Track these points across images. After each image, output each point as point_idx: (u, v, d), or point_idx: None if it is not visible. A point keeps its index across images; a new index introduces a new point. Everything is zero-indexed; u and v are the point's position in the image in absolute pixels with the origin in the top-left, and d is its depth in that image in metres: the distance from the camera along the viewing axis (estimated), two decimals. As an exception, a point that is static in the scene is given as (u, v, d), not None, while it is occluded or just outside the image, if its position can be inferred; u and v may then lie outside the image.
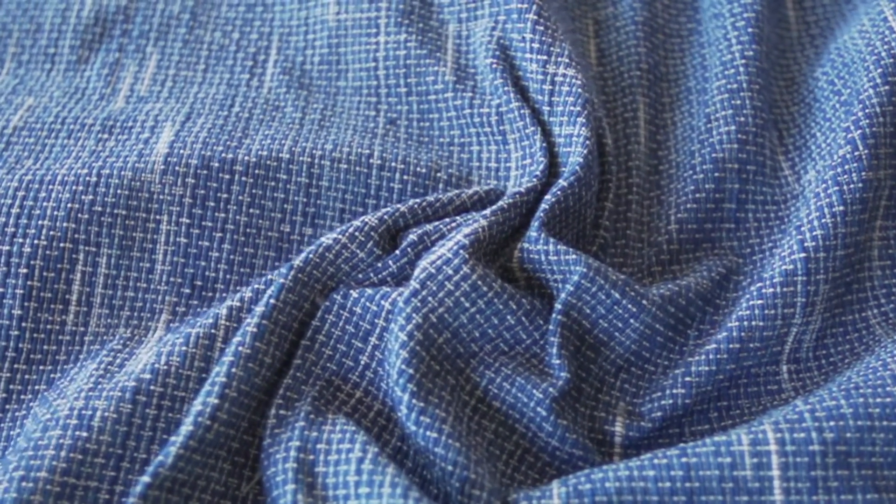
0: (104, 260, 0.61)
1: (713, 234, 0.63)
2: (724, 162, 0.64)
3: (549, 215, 0.59)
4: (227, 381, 0.52)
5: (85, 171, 0.62)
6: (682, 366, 0.57)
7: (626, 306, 0.57)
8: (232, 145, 0.64)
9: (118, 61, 0.71)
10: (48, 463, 0.51)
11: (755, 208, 0.64)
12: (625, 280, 0.57)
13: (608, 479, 0.50)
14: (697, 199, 0.64)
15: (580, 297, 0.57)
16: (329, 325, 0.56)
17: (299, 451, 0.51)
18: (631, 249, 0.64)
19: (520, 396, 0.55)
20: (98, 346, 0.59)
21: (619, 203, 0.65)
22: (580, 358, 0.58)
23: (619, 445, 0.56)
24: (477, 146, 0.66)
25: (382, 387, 0.55)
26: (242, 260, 0.61)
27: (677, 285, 0.59)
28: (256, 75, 0.70)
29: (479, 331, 0.56)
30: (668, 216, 0.64)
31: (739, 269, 0.62)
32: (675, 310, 0.58)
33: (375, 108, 0.68)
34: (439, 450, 0.51)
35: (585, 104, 0.62)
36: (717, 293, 0.61)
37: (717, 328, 0.59)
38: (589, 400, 0.57)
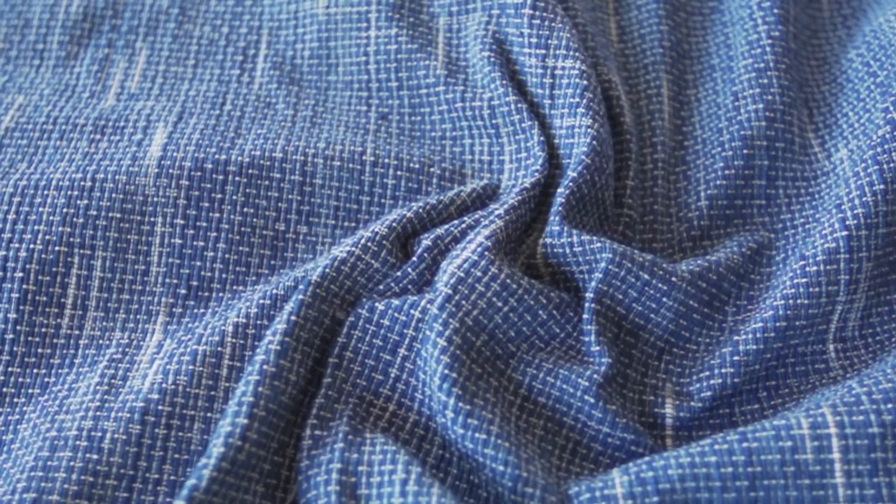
0: (99, 263, 0.61)
1: (744, 210, 0.64)
2: (753, 139, 0.65)
3: (567, 207, 0.60)
4: (254, 400, 0.52)
5: (79, 175, 0.62)
6: (727, 344, 0.58)
7: (656, 286, 0.58)
8: (225, 146, 0.64)
9: (107, 57, 0.71)
10: (60, 486, 0.52)
11: (785, 185, 0.65)
12: (652, 260, 0.58)
13: (670, 467, 0.50)
14: (727, 175, 0.64)
15: (610, 283, 0.58)
16: (356, 341, 0.56)
17: (341, 473, 0.51)
18: (660, 224, 0.65)
19: (565, 388, 0.56)
20: (94, 351, 0.59)
21: (643, 179, 0.66)
22: (620, 344, 0.58)
23: (670, 427, 0.57)
24: (469, 139, 0.67)
25: (417, 396, 0.55)
26: (238, 259, 0.62)
27: (707, 261, 0.60)
28: (247, 71, 0.70)
29: (514, 330, 0.57)
30: (697, 192, 0.65)
31: (772, 243, 0.63)
32: (706, 285, 0.59)
33: (367, 102, 0.69)
34: (489, 450, 0.52)
35: (585, 93, 0.63)
36: (749, 268, 0.62)
37: (755, 304, 0.60)
38: (636, 385, 0.58)
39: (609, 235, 0.63)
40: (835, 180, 0.64)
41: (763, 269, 0.62)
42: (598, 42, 0.68)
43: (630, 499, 0.50)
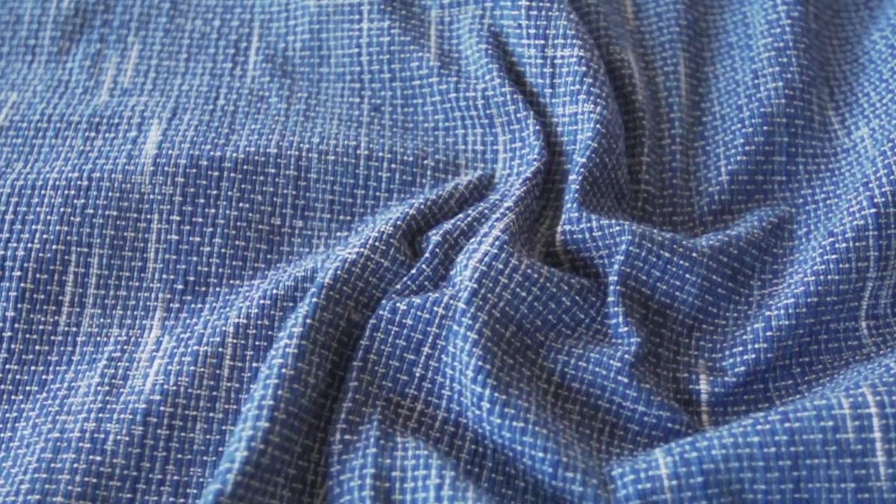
0: (96, 260, 0.61)
1: (765, 185, 0.66)
2: (773, 116, 0.66)
3: (583, 193, 0.61)
4: (274, 403, 0.52)
5: (76, 174, 0.63)
6: (758, 319, 0.59)
7: (678, 263, 0.59)
8: (219, 142, 0.65)
9: (100, 52, 0.72)
10: (63, 487, 0.53)
11: (805, 161, 0.66)
12: (671, 238, 0.59)
13: (713, 447, 0.51)
14: (747, 151, 0.66)
15: (632, 264, 0.59)
16: (379, 343, 0.57)
17: (375, 478, 0.52)
18: (679, 198, 0.66)
19: (598, 371, 0.57)
20: (92, 348, 0.59)
21: (660, 155, 0.67)
22: (649, 324, 0.59)
23: (705, 403, 0.58)
24: (462, 129, 0.67)
25: (444, 394, 0.56)
26: (234, 253, 0.62)
27: (727, 236, 0.61)
28: (239, 64, 0.71)
29: (540, 319, 0.58)
30: (717, 167, 0.66)
31: (793, 218, 0.64)
32: (728, 259, 0.60)
33: (359, 94, 0.69)
34: (528, 438, 0.53)
35: (585, 79, 0.64)
36: (771, 242, 0.63)
37: (781, 278, 0.61)
38: (668, 363, 0.59)
39: (628, 212, 0.65)
40: (855, 157, 0.65)
41: (785, 242, 0.63)
42: (611, 21, 0.70)
43: (675, 479, 0.51)
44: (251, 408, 0.52)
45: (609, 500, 0.51)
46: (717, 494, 0.51)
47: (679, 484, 0.51)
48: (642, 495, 0.51)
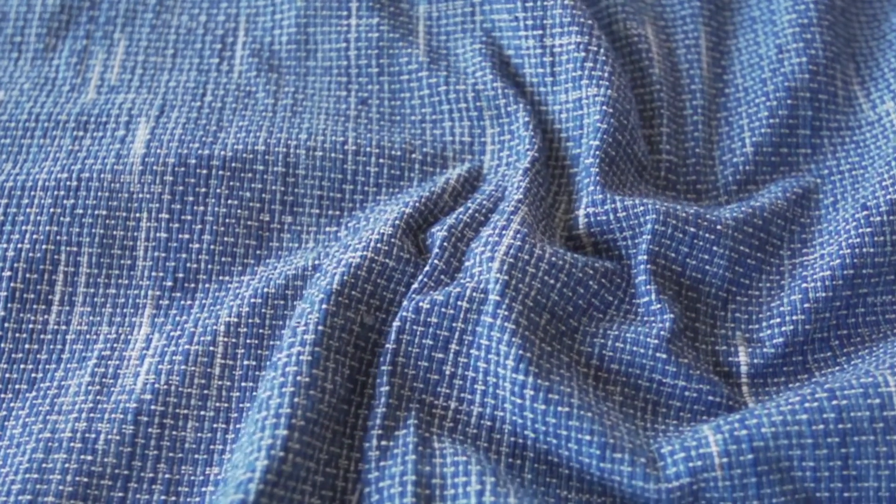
0: (86, 259, 0.62)
1: (790, 158, 0.67)
2: (797, 91, 0.68)
3: (603, 174, 0.63)
4: (291, 411, 0.53)
5: (65, 174, 0.63)
6: (795, 291, 0.60)
7: (704, 237, 0.61)
8: (207, 140, 0.65)
9: (86, 49, 0.72)
10: (55, 487, 0.54)
11: (830, 134, 0.68)
12: (695, 213, 0.61)
13: (763, 425, 0.53)
14: (772, 123, 0.67)
15: (660, 242, 0.60)
16: (406, 345, 0.57)
17: (416, 485, 0.52)
18: (702, 167, 0.67)
19: (636, 350, 0.58)
20: (81, 346, 0.60)
21: (682, 125, 0.68)
22: (683, 300, 0.61)
23: (745, 375, 0.59)
24: (449, 122, 0.68)
25: (477, 388, 0.56)
26: (223, 250, 0.63)
27: (751, 207, 0.63)
28: (226, 59, 0.71)
29: (572, 304, 0.59)
30: (741, 138, 0.68)
31: (818, 188, 0.66)
32: (753, 230, 0.62)
33: (346, 87, 0.70)
34: (573, 422, 0.53)
35: (585, 65, 0.65)
36: (797, 212, 0.64)
37: (811, 247, 0.63)
38: (706, 337, 0.61)
39: (651, 183, 0.66)
40: (881, 130, 0.67)
41: (812, 212, 0.64)
42: None
43: (725, 456, 0.52)
44: (268, 416, 0.52)
45: (659, 477, 0.52)
46: (766, 472, 0.52)
47: (730, 461, 0.52)
48: (693, 473, 0.52)
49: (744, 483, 0.52)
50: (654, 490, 0.52)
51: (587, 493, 0.54)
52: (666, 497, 0.52)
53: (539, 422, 0.54)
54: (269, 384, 0.54)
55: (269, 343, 0.59)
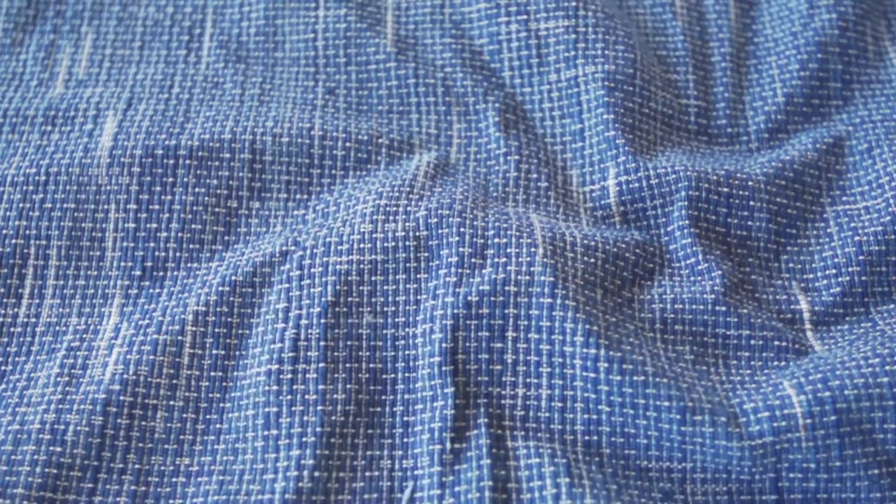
0: (54, 252, 0.63)
1: (821, 109, 0.70)
2: (827, 45, 0.70)
3: (631, 142, 0.66)
4: (301, 430, 0.56)
5: (33, 170, 0.65)
6: (848, 243, 0.63)
7: (738, 195, 0.63)
8: (174, 131, 0.66)
9: (53, 43, 0.73)
10: (24, 479, 0.55)
11: (861, 87, 0.70)
12: (726, 172, 0.64)
13: (846, 387, 0.55)
14: (802, 76, 0.70)
15: (697, 207, 0.63)
16: (462, 342, 0.58)
17: (493, 490, 0.54)
18: (733, 111, 0.70)
19: (696, 308, 0.60)
20: (51, 338, 0.61)
21: (710, 71, 0.71)
22: (735, 258, 0.63)
23: (808, 322, 0.61)
24: (416, 114, 0.69)
25: (542, 371, 0.57)
26: (191, 237, 0.64)
27: (780, 161, 0.65)
28: (193, 50, 0.72)
29: (619, 278, 0.61)
30: (773, 88, 0.70)
31: (850, 135, 0.68)
32: (786, 182, 0.65)
33: (314, 77, 0.71)
34: (650, 390, 0.55)
35: (577, 45, 0.68)
36: (830, 160, 0.67)
37: (851, 195, 0.65)
38: (765, 288, 0.63)
39: (682, 129, 0.69)
40: None
41: (846, 159, 0.67)
42: None
43: (809, 417, 0.54)
44: (280, 435, 0.56)
45: (741, 434, 0.55)
46: (849, 433, 0.55)
47: (813, 423, 0.54)
48: (776, 432, 0.54)
49: (826, 444, 0.55)
50: (738, 448, 0.54)
51: (667, 461, 0.56)
52: (749, 454, 0.54)
53: (615, 393, 0.56)
54: (274, 398, 0.56)
55: (237, 332, 0.60)
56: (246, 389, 0.58)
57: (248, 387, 0.58)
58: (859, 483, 0.55)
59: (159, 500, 0.56)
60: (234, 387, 0.59)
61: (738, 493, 0.55)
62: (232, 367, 0.59)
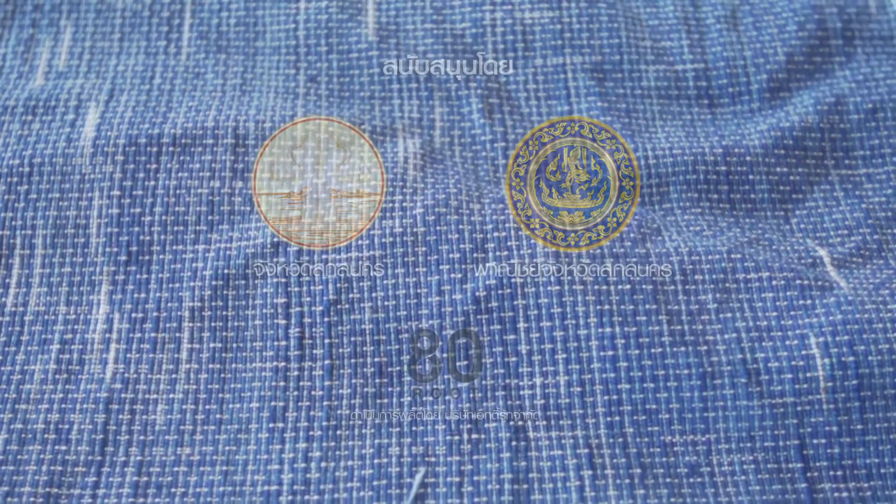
0: (40, 241, 0.64)
1: (824, 65, 0.71)
2: (823, 8, 0.72)
3: (626, 125, 0.67)
4: (308, 424, 0.58)
5: (17, 161, 0.66)
6: (856, 208, 0.65)
7: (737, 171, 0.66)
8: (157, 121, 0.67)
9: (32, 37, 0.73)
10: (31, 478, 0.57)
11: (863, 43, 0.72)
12: (722, 151, 0.66)
13: (870, 353, 0.57)
14: (801, 36, 0.71)
15: (697, 189, 0.66)
16: (476, 335, 0.60)
17: (513, 482, 0.56)
18: (733, 69, 0.71)
19: (713, 259, 0.62)
20: (40, 327, 0.62)
21: (705, 33, 0.72)
22: (745, 225, 0.65)
23: (830, 265, 0.63)
24: (398, 100, 0.70)
25: (559, 358, 0.59)
26: (175, 219, 0.65)
27: (779, 129, 0.67)
28: (173, 41, 0.73)
29: (629, 240, 0.63)
30: (773, 46, 0.71)
31: (854, 92, 0.69)
32: (786, 151, 0.67)
33: (295, 66, 0.72)
34: (669, 360, 0.58)
35: (564, 35, 0.70)
36: (833, 120, 0.68)
37: (854, 158, 0.67)
38: (783, 243, 0.64)
39: (684, 94, 0.70)
40: None
41: (850, 116, 0.68)
42: None
43: (831, 381, 0.57)
44: (285, 428, 0.58)
45: (762, 392, 0.57)
46: (870, 397, 0.57)
47: (834, 385, 0.57)
48: (797, 394, 0.57)
49: (847, 407, 0.57)
50: (758, 406, 0.57)
51: (691, 434, 0.57)
52: (770, 412, 0.56)
53: (634, 368, 0.58)
54: (281, 393, 0.59)
55: (233, 325, 0.62)
56: (248, 382, 0.60)
57: (250, 380, 0.60)
58: (882, 447, 0.57)
59: (161, 489, 0.57)
60: (234, 378, 0.60)
61: (764, 461, 0.57)
62: (230, 359, 0.61)
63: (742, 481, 0.56)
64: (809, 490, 0.56)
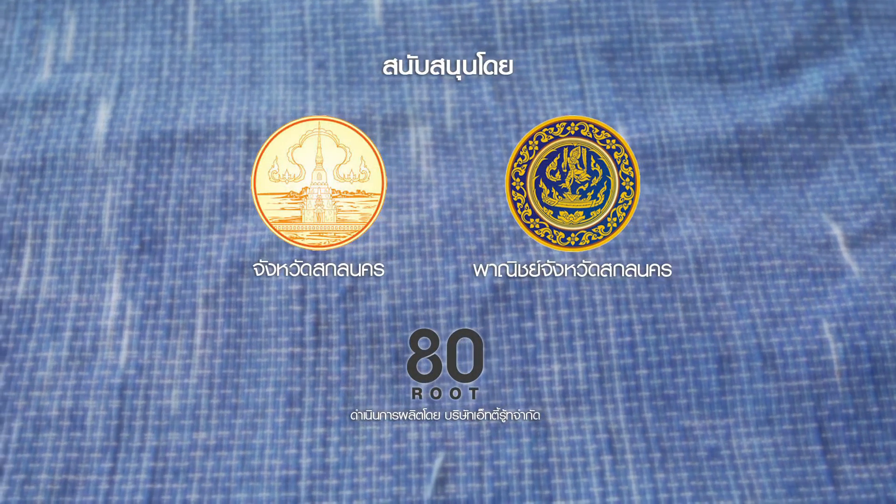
0: (52, 230, 0.65)
1: (833, 43, 0.72)
2: None
3: (638, 105, 0.69)
4: (325, 409, 0.59)
5: (29, 155, 0.67)
6: (871, 182, 0.66)
7: (749, 148, 0.67)
8: (169, 117, 0.69)
9: (37, 28, 0.74)
10: (47, 465, 0.58)
11: (870, 21, 0.73)
12: (735, 129, 0.67)
13: (882, 337, 0.59)
14: (807, 16, 0.73)
15: (711, 167, 0.67)
16: (493, 324, 0.61)
17: (533, 466, 0.57)
18: (742, 46, 0.72)
19: (725, 247, 0.63)
20: (52, 315, 0.63)
21: (713, 10, 0.73)
22: (760, 201, 0.66)
23: (843, 245, 0.64)
24: (408, 84, 0.71)
25: (576, 345, 0.60)
26: (189, 210, 0.66)
27: (790, 107, 0.68)
28: (178, 30, 0.74)
29: (643, 229, 0.64)
30: (780, 25, 0.73)
31: (863, 70, 0.71)
32: (797, 128, 0.68)
33: (302, 52, 0.73)
34: (686, 345, 0.59)
35: (572, 13, 0.71)
36: (844, 97, 0.70)
37: (867, 133, 0.69)
38: (796, 220, 0.65)
39: (693, 70, 0.71)
40: None
41: (861, 93, 0.70)
42: None
43: (844, 364, 0.58)
44: (302, 413, 0.59)
45: (778, 375, 0.58)
46: (884, 380, 0.58)
47: (848, 369, 0.58)
48: (813, 377, 0.58)
49: (862, 390, 0.58)
50: (775, 389, 0.58)
51: (709, 418, 0.58)
52: (786, 395, 0.58)
53: (652, 354, 0.59)
54: (297, 378, 0.60)
55: (247, 311, 0.63)
56: (264, 367, 0.61)
57: (265, 365, 0.61)
58: None
59: (178, 474, 0.58)
60: (249, 363, 0.61)
61: (783, 444, 0.58)
62: (244, 344, 0.62)
63: (762, 463, 0.57)
64: (830, 472, 0.57)
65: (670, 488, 0.56)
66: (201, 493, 0.57)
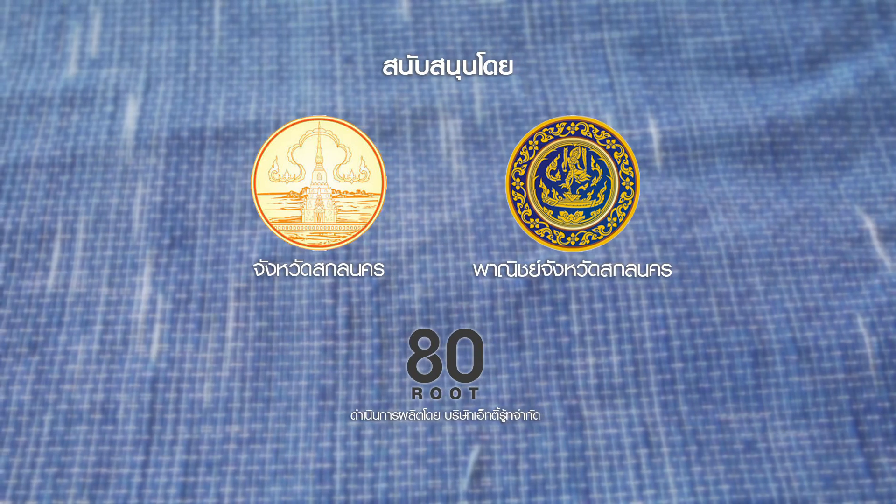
0: (82, 226, 0.66)
1: (862, 38, 0.74)
2: None
3: (669, 98, 0.71)
4: (359, 402, 0.60)
5: (58, 152, 0.68)
6: None
7: (781, 141, 0.68)
8: (198, 114, 0.70)
9: (62, 23, 0.75)
10: (80, 458, 0.59)
11: None
12: (766, 122, 0.68)
13: None
14: (835, 12, 0.74)
15: (742, 160, 0.68)
16: (528, 318, 0.62)
17: (569, 460, 0.58)
18: (772, 40, 0.74)
19: (758, 242, 0.64)
20: (82, 308, 0.64)
21: (743, 4, 0.75)
22: (792, 193, 0.67)
23: (876, 238, 0.65)
24: (436, 78, 0.72)
25: (611, 339, 0.61)
26: (220, 206, 0.67)
27: (821, 101, 0.70)
28: (205, 24, 0.75)
29: (675, 226, 0.65)
30: (809, 21, 0.74)
31: (893, 65, 0.72)
32: (828, 121, 0.69)
33: (330, 47, 0.74)
34: (721, 339, 0.60)
35: (600, 10, 0.73)
36: (875, 91, 0.71)
37: (887, 130, 0.70)
38: (829, 212, 0.67)
39: (723, 65, 0.73)
40: None
41: (892, 87, 0.71)
42: None
43: (879, 358, 0.60)
44: (336, 406, 0.60)
45: (813, 369, 0.60)
46: None
47: (883, 363, 0.59)
48: (848, 370, 0.59)
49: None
50: (810, 382, 0.59)
51: (745, 412, 0.59)
52: (822, 388, 0.59)
53: (687, 346, 0.60)
54: (329, 371, 0.61)
55: (279, 304, 0.64)
56: (296, 360, 0.62)
57: (298, 358, 0.62)
58: None
59: (211, 467, 0.59)
60: (281, 356, 0.62)
61: (819, 437, 0.59)
62: (276, 337, 0.63)
63: (799, 457, 0.58)
64: (867, 465, 0.58)
65: (707, 481, 0.57)
66: (235, 485, 0.58)
